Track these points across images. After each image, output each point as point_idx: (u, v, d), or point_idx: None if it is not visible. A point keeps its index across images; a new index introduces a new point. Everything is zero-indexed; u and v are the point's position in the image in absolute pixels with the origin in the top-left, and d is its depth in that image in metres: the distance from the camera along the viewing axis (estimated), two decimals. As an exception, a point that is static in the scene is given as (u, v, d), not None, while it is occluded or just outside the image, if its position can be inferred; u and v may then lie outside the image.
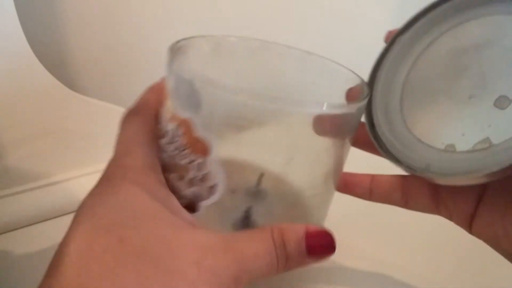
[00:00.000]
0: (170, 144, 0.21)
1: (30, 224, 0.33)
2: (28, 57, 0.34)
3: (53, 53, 0.42)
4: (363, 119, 0.25)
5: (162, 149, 0.22)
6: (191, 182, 0.21)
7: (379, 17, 0.69)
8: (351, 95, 0.24)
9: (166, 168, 0.22)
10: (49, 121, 0.38)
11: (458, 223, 0.24)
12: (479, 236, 0.23)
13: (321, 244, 0.21)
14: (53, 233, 0.33)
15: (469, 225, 0.23)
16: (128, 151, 0.21)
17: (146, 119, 0.23)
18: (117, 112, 0.39)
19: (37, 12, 0.40)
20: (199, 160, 0.20)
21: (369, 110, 0.25)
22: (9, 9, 0.32)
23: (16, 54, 0.33)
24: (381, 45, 0.26)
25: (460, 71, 0.23)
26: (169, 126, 0.21)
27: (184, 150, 0.21)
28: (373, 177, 0.26)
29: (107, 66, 0.46)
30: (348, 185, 0.26)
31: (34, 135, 0.36)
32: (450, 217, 0.24)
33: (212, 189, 0.21)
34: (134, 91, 0.50)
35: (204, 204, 0.21)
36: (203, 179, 0.21)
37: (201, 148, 0.20)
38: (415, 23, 0.25)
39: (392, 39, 0.26)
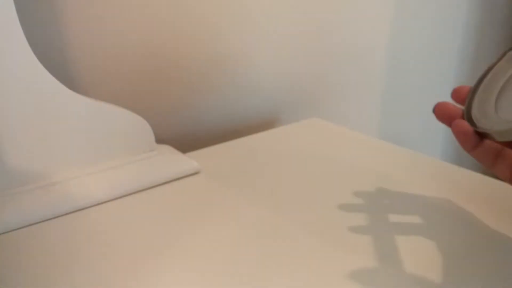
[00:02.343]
0: None
1: (30, 224, 0.33)
2: (28, 57, 0.34)
3: (53, 53, 0.42)
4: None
5: None
6: None
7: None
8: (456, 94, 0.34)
9: None
10: (48, 121, 0.38)
11: None
12: None
13: None
14: (53, 233, 0.33)
15: None
16: None
17: None
18: (118, 112, 0.39)
19: (37, 12, 0.40)
20: None
21: (468, 106, 0.33)
22: (9, 9, 0.32)
23: (16, 54, 0.33)
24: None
25: None
26: None
27: None
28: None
29: (107, 67, 0.46)
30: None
31: (33, 135, 0.36)
32: None
33: None
34: (134, 91, 0.50)
35: None
36: None
37: None
38: None
39: (503, 53, 0.34)
